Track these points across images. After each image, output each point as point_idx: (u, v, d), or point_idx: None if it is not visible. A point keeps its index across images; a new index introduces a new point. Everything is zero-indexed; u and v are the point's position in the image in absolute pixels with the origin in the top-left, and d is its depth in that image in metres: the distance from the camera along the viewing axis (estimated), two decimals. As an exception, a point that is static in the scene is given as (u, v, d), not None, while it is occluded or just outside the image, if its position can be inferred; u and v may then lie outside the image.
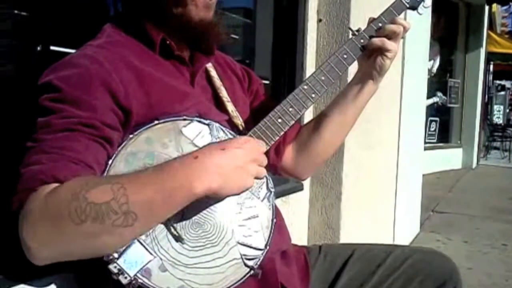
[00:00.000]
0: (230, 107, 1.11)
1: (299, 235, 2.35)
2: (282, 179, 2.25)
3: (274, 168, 1.25)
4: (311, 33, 2.50)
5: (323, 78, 1.15)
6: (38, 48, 1.07)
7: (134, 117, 0.91)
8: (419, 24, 3.12)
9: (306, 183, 2.40)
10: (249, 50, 2.63)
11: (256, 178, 0.88)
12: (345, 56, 1.15)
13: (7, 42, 0.95)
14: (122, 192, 0.73)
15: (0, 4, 0.94)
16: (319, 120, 1.25)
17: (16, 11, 1.01)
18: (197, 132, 0.96)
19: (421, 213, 3.88)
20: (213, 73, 1.13)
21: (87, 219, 0.72)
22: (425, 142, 4.80)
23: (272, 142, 1.08)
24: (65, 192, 0.74)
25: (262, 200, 1.00)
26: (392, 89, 2.84)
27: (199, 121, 0.97)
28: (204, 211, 0.91)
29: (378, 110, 2.48)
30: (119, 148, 0.89)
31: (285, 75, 2.42)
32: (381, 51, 1.14)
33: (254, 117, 1.14)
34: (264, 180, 1.01)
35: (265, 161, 0.91)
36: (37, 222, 0.75)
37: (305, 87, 1.13)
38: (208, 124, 0.97)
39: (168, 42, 1.01)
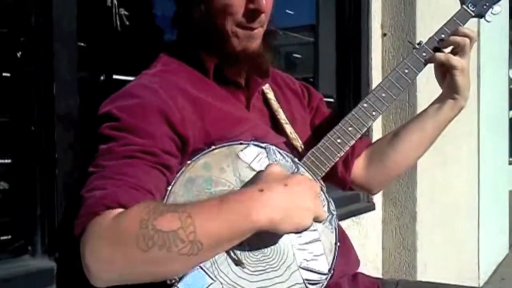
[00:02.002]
0: (288, 129, 1.11)
1: (372, 256, 2.26)
2: (352, 198, 2.19)
3: (343, 181, 1.22)
4: (375, 48, 2.45)
5: (383, 95, 1.11)
6: (102, 78, 1.13)
7: (191, 143, 0.93)
8: (494, 28, 2.95)
9: (378, 203, 2.32)
10: (312, 68, 2.62)
11: (315, 220, 0.86)
12: (406, 71, 1.11)
13: (73, 73, 1.01)
14: (190, 222, 0.74)
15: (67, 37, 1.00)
16: (397, 133, 1.20)
17: (80, 43, 1.07)
18: (253, 156, 0.96)
19: (510, 232, 3.59)
20: (270, 95, 1.13)
21: (154, 246, 0.73)
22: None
23: (332, 163, 1.05)
24: (132, 218, 0.75)
25: (324, 223, 0.97)
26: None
27: (256, 145, 0.97)
28: (264, 235, 0.90)
29: (454, 124, 2.36)
30: (178, 175, 0.90)
31: (350, 92, 2.38)
32: (447, 67, 1.08)
33: (315, 135, 1.12)
34: (325, 202, 0.99)
35: (322, 202, 0.89)
36: (101, 246, 0.76)
37: (365, 105, 1.11)
38: (264, 148, 0.97)
39: (221, 68, 1.03)
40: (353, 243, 1.17)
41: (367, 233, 2.21)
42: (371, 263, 2.20)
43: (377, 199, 2.30)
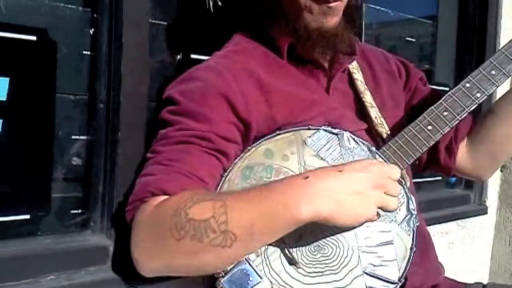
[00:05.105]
0: (374, 113, 0.98)
1: (478, 266, 2.01)
2: (461, 199, 1.95)
3: (447, 170, 1.07)
4: (505, 32, 2.13)
5: (493, 72, 0.92)
6: (179, 57, 1.10)
7: (254, 129, 0.87)
8: None
9: (493, 206, 2.05)
10: (429, 53, 2.35)
11: (381, 209, 0.74)
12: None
13: (144, 51, 0.99)
14: (223, 211, 0.69)
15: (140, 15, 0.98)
16: (501, 103, 1.02)
17: (154, 21, 1.04)
18: (323, 143, 0.87)
19: None
20: (358, 75, 1.01)
21: (186, 235, 0.69)
22: None
23: (419, 154, 0.91)
24: (169, 207, 0.73)
25: (399, 224, 0.84)
26: None
27: (327, 131, 0.87)
28: (326, 232, 0.80)
29: None
30: (236, 161, 0.85)
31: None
32: None
33: (411, 119, 0.99)
34: (404, 200, 0.85)
35: (396, 190, 0.76)
36: (143, 234, 0.76)
37: (467, 84, 0.93)
38: (336, 134, 0.87)
39: (295, 48, 0.94)
40: (456, 249, 1.02)
41: (473, 239, 1.96)
42: (476, 273, 1.95)
43: (491, 201, 2.03)
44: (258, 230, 0.70)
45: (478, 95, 0.92)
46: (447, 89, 2.19)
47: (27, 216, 0.89)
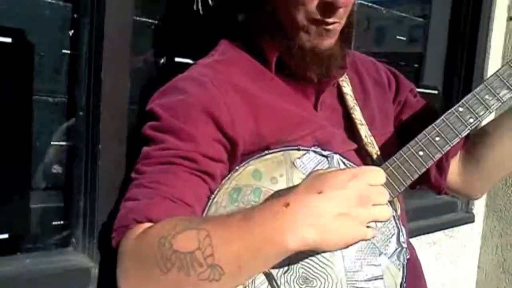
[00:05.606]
0: (363, 131, 0.93)
1: (465, 275, 2.00)
2: (447, 207, 1.93)
3: (438, 188, 1.03)
4: (497, 34, 2.09)
5: (487, 96, 0.88)
6: (162, 61, 1.04)
7: (241, 147, 0.82)
8: None
9: (480, 215, 2.03)
10: (418, 54, 2.31)
11: (375, 221, 0.69)
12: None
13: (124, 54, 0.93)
14: (208, 242, 0.65)
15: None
16: (496, 121, 0.99)
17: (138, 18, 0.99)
18: (313, 165, 0.82)
19: None
20: (347, 88, 0.96)
21: (173, 268, 0.65)
22: None
23: (410, 182, 0.86)
24: (153, 236, 0.69)
25: (390, 257, 0.81)
26: None
27: (316, 152, 0.82)
28: (315, 264, 0.76)
29: None
30: (223, 182, 0.80)
31: (460, 84, 2.05)
32: None
33: (400, 135, 0.96)
34: (394, 231, 0.82)
35: (384, 197, 0.69)
36: (129, 266, 0.72)
37: (461, 109, 0.88)
38: (326, 156, 0.82)
39: (285, 61, 0.88)
40: (443, 259, 0.98)
41: (460, 248, 1.94)
42: (462, 282, 1.94)
43: (479, 209, 2.01)
44: (245, 263, 0.66)
45: (471, 120, 0.88)
46: (435, 92, 2.16)
47: (6, 236, 0.85)
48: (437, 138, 0.87)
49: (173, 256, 0.65)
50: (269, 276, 0.75)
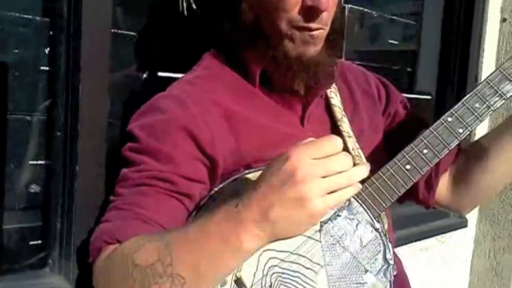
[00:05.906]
0: (351, 143, 0.91)
1: (458, 280, 1.99)
2: (440, 213, 1.92)
3: (426, 204, 1.02)
4: (490, 38, 2.07)
5: (477, 105, 0.86)
6: (145, 76, 1.02)
7: (221, 165, 0.80)
8: None
9: (472, 219, 2.02)
10: (411, 58, 2.29)
11: (337, 189, 0.65)
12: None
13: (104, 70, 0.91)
14: (168, 252, 0.64)
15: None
16: (488, 144, 0.96)
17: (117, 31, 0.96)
18: (294, 184, 0.80)
19: None
20: (335, 100, 0.94)
21: (135, 284, 0.65)
22: None
23: (397, 196, 0.85)
24: (117, 255, 0.70)
25: (376, 275, 0.79)
26: None
27: (297, 170, 0.80)
28: (298, 285, 0.75)
29: None
30: (201, 204, 0.78)
31: (454, 89, 2.02)
32: None
33: (388, 147, 0.94)
34: (380, 248, 0.80)
35: (338, 163, 0.65)
36: (99, 286, 0.73)
37: (449, 119, 0.86)
38: (308, 174, 0.80)
39: (269, 74, 0.86)
40: (436, 264, 0.96)
41: (453, 253, 1.93)
42: (455, 287, 1.93)
43: (471, 214, 2.00)
44: (204, 269, 0.64)
45: (461, 131, 0.86)
46: (429, 97, 2.14)
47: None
48: (425, 151, 0.85)
49: (134, 271, 0.65)
50: None
